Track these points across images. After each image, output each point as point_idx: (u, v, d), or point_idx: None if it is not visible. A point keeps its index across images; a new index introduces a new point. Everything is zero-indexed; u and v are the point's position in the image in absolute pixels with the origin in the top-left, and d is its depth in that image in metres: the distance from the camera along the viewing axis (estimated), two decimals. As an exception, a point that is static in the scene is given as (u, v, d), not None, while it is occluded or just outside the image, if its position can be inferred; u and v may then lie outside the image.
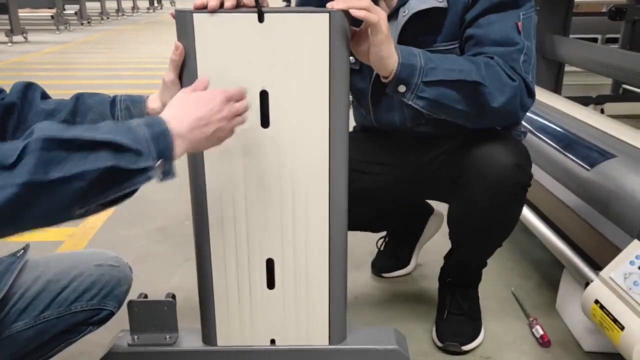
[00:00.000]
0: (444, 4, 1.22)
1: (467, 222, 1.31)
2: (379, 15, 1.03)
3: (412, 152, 1.42)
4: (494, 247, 1.39)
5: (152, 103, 1.08)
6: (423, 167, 1.40)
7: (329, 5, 1.02)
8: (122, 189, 0.82)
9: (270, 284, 1.20)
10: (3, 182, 0.70)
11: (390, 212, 1.71)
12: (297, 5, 1.41)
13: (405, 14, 1.24)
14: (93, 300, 1.10)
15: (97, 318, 1.13)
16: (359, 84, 1.38)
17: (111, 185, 0.80)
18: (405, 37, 1.24)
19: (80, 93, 1.07)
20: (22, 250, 1.08)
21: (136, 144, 0.81)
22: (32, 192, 0.71)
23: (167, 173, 0.86)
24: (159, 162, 0.83)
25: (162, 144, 0.84)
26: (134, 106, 1.07)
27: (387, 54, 1.07)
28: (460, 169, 1.27)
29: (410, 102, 1.13)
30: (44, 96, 1.06)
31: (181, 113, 0.90)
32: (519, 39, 1.18)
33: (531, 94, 1.19)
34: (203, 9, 1.01)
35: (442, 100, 1.13)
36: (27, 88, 1.03)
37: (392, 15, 1.27)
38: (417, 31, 1.24)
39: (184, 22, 1.02)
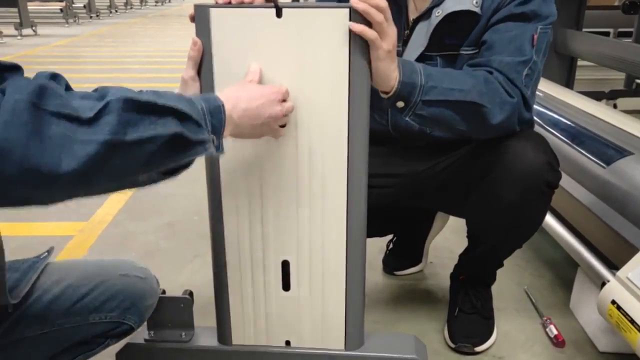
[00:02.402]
0: (478, 10, 1.20)
1: (492, 218, 1.29)
2: (384, 33, 0.98)
3: (423, 161, 1.40)
4: (514, 247, 1.37)
5: None
6: (435, 175, 1.38)
7: (352, 2, 0.97)
8: (182, 158, 0.83)
9: (286, 286, 1.18)
10: (86, 137, 0.69)
11: (397, 217, 1.69)
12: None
13: (439, 14, 1.22)
14: (113, 312, 1.05)
15: (116, 332, 1.08)
16: None
17: (174, 153, 0.81)
18: (434, 38, 1.23)
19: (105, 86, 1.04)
20: (46, 253, 1.05)
21: (197, 115, 0.83)
22: (111, 150, 0.71)
23: (217, 148, 0.88)
24: (212, 137, 0.86)
25: (216, 118, 0.86)
26: None
27: (387, 71, 1.03)
28: (485, 166, 1.25)
29: (407, 119, 1.13)
30: (68, 88, 1.02)
31: (238, 98, 0.92)
32: (529, 52, 1.17)
33: (529, 109, 1.20)
34: (224, 2, 0.99)
35: (439, 118, 1.13)
36: (53, 79, 0.98)
37: (425, 15, 1.25)
38: (446, 33, 1.23)
39: (202, 17, 1.00)
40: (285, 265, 1.16)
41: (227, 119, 0.89)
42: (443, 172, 1.37)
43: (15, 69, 0.90)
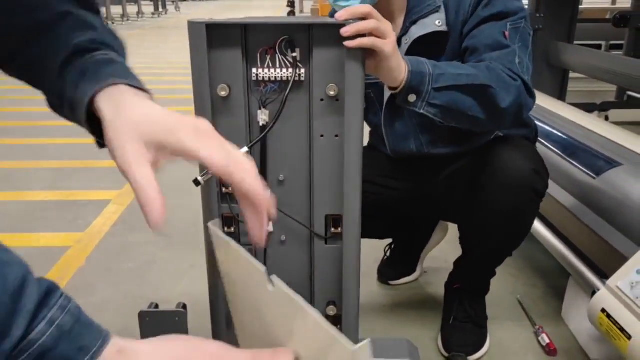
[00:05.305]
0: (443, 28, 1.24)
1: (480, 225, 1.32)
2: (381, 32, 0.98)
3: (427, 171, 1.44)
4: (504, 255, 1.40)
5: (103, 103, 0.65)
6: (438, 184, 1.43)
7: (342, 31, 0.93)
8: None
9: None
10: None
11: (399, 222, 1.72)
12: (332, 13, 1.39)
13: (407, 42, 1.26)
14: None
15: None
16: (373, 119, 1.41)
17: None
18: None
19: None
20: None
21: None
22: None
23: None
24: None
25: None
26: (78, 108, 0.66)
27: (397, 64, 1.05)
28: (476, 173, 1.29)
29: (422, 111, 1.12)
30: None
31: None
32: (508, 43, 1.20)
33: (531, 94, 1.20)
34: None
35: (453, 105, 1.12)
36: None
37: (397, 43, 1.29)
38: (421, 55, 1.25)
39: (197, 33, 0.96)
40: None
41: None
42: (445, 180, 1.42)
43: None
